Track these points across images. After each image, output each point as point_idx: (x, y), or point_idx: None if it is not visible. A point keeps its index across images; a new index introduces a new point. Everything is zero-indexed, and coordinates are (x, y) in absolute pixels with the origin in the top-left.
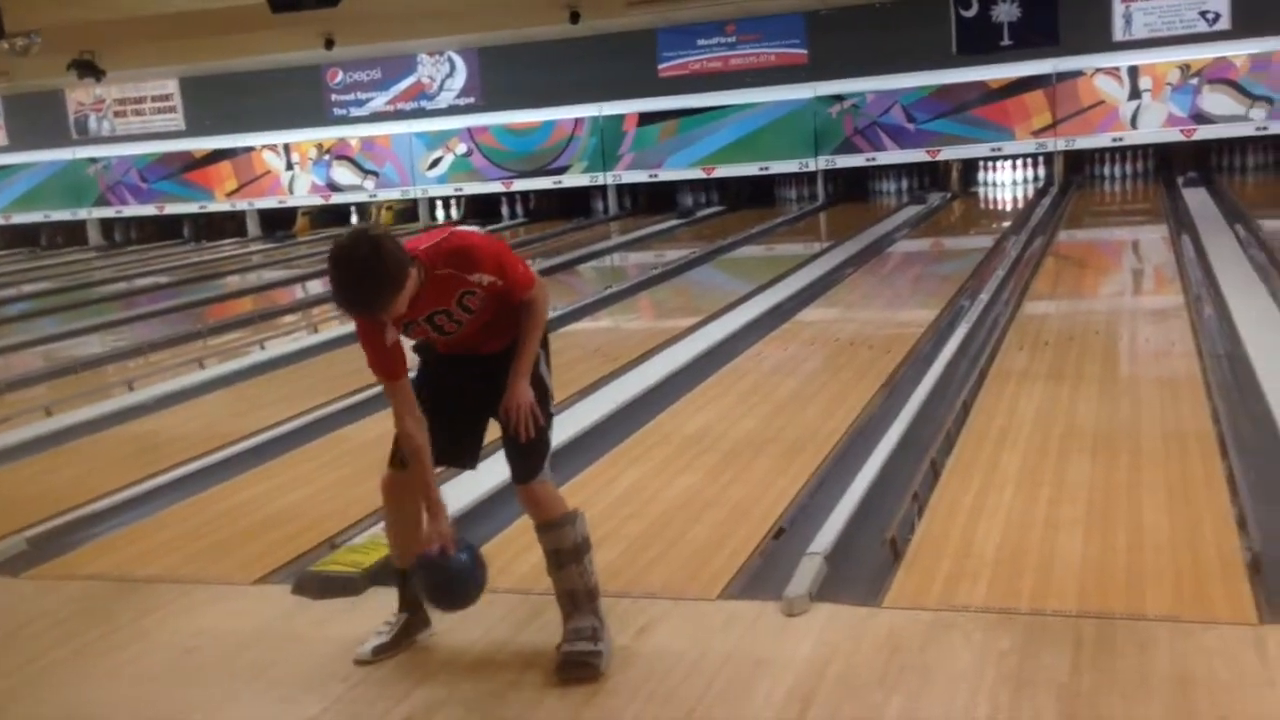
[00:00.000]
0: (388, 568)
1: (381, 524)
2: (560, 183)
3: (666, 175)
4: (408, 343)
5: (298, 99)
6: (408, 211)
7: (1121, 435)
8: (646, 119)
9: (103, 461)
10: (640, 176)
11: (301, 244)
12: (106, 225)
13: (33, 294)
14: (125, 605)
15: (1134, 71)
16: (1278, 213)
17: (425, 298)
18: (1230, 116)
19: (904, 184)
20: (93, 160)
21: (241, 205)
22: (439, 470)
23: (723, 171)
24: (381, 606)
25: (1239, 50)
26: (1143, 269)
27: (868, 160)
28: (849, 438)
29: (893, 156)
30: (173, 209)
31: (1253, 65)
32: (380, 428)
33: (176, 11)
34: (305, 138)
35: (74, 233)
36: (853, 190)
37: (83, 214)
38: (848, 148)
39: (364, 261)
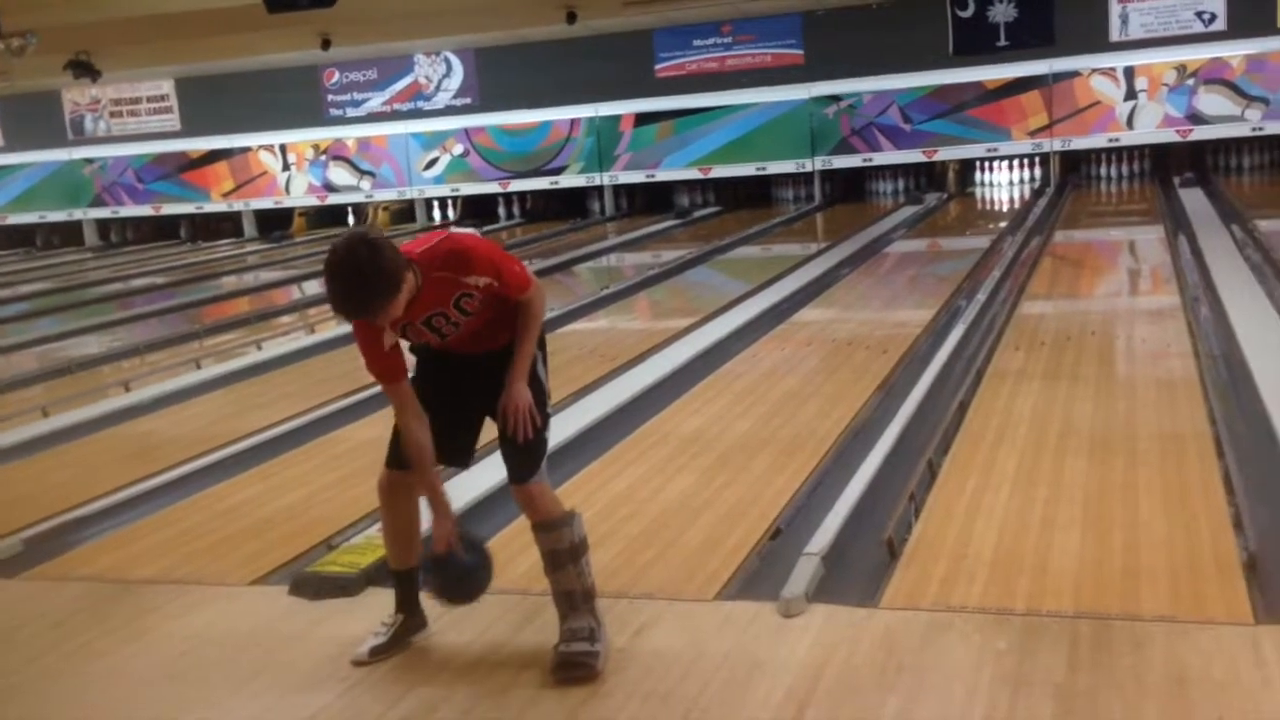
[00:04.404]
0: (384, 569)
1: (378, 525)
2: (557, 183)
3: (663, 176)
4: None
5: (294, 99)
6: (404, 212)
7: (1118, 436)
8: (643, 119)
9: (99, 462)
10: (637, 177)
11: (298, 244)
12: (103, 226)
13: (29, 294)
14: (122, 606)
15: (1130, 72)
16: (1274, 213)
17: (422, 301)
18: (1226, 117)
19: (900, 184)
20: (89, 161)
21: (238, 205)
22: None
23: (719, 172)
24: (378, 607)
25: (1235, 51)
26: (1139, 269)
27: (864, 161)
28: (846, 438)
29: (889, 157)
30: (169, 209)
31: (1249, 65)
32: (376, 429)
33: (173, 12)
34: (302, 138)
35: (70, 233)
36: (849, 191)
37: (79, 214)
38: (844, 148)
39: (361, 267)
